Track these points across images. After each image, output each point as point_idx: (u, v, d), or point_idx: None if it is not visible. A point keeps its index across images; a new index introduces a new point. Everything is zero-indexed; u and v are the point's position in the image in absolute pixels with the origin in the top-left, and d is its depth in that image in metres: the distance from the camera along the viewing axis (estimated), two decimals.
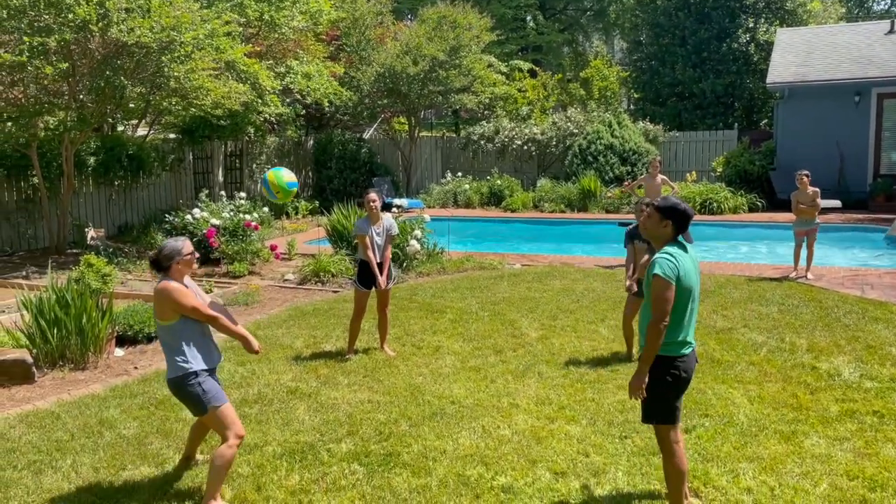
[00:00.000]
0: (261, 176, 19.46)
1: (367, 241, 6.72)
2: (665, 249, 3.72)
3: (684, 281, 3.65)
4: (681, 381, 3.78)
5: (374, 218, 6.79)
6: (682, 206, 3.77)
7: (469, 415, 5.36)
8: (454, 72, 19.66)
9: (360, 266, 6.87)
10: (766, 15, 22.31)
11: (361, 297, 6.84)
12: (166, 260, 4.12)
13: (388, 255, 6.93)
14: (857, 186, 16.15)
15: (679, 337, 3.72)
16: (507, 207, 18.07)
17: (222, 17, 13.10)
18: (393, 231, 6.94)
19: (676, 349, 3.73)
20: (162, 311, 4.10)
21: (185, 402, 4.22)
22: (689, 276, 3.67)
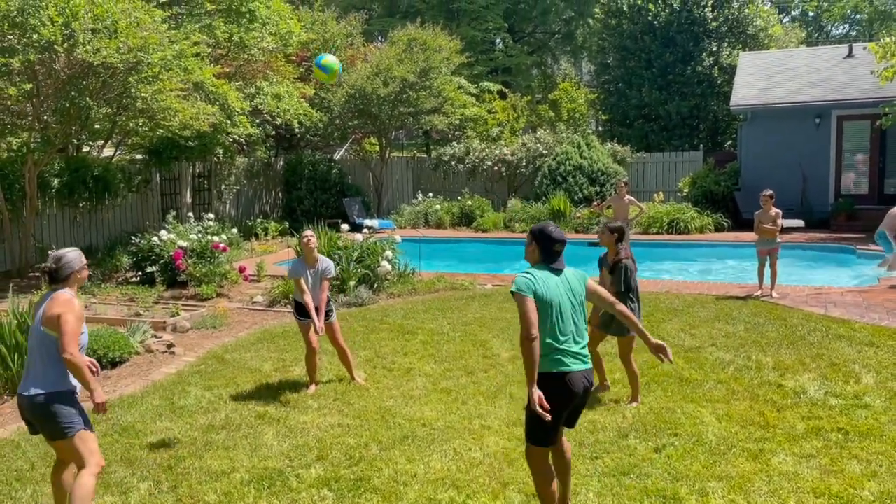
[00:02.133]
0: (229, 197, 19.32)
1: (303, 285, 6.31)
2: (530, 269, 3.89)
3: (541, 295, 3.74)
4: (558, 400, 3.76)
5: (309, 258, 6.45)
6: (548, 229, 3.88)
7: (440, 437, 5.33)
8: (424, 93, 19.79)
9: (295, 304, 6.54)
10: (728, 39, 22.84)
11: (305, 328, 6.48)
12: (66, 269, 3.90)
13: (325, 298, 6.44)
14: (819, 206, 16.52)
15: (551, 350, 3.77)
16: (479, 227, 18.14)
17: (191, 37, 13.03)
18: (329, 273, 6.50)
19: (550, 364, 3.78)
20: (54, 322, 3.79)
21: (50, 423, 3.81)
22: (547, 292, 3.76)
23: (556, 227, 3.90)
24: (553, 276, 3.85)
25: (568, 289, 3.88)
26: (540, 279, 3.79)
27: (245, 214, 19.86)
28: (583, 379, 3.83)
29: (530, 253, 3.95)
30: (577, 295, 3.91)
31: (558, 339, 3.79)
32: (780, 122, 16.85)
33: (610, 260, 6.05)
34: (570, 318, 3.84)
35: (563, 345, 3.79)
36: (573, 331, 3.85)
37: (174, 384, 6.78)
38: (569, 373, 3.78)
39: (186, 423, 5.78)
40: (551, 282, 3.82)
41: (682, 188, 17.99)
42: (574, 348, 3.83)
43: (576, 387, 3.79)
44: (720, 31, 22.75)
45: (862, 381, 6.27)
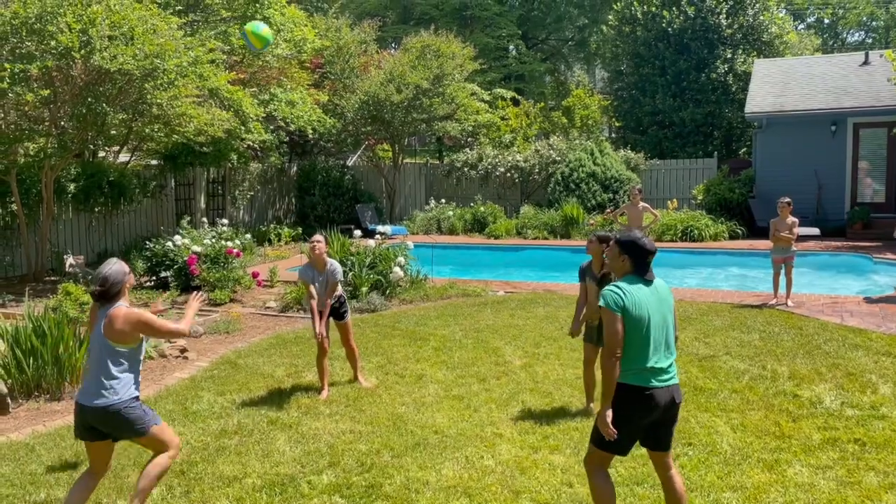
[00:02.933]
0: (243, 202, 19.43)
1: (312, 290, 6.40)
2: (618, 282, 3.76)
3: (633, 311, 3.64)
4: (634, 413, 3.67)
5: (318, 263, 6.49)
6: (641, 241, 3.76)
7: (452, 445, 5.31)
8: (437, 100, 19.83)
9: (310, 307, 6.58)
10: (743, 46, 22.74)
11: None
12: (116, 286, 4.03)
13: (329, 303, 6.52)
14: (834, 214, 16.38)
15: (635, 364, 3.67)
16: (491, 234, 18.11)
17: (206, 44, 13.14)
18: (336, 277, 6.53)
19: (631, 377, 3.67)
20: (123, 336, 3.99)
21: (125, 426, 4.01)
22: (639, 308, 3.66)
23: (647, 238, 3.81)
24: (644, 287, 3.75)
25: (659, 299, 3.78)
26: (630, 293, 3.68)
27: (258, 220, 19.96)
28: (668, 395, 3.71)
29: (620, 265, 3.81)
30: (668, 306, 3.82)
31: (647, 356, 3.67)
32: (796, 129, 16.74)
33: (597, 271, 5.82)
34: (661, 332, 3.73)
35: (649, 362, 3.68)
36: (663, 346, 3.74)
37: (187, 389, 6.80)
38: (651, 389, 3.67)
39: (199, 428, 5.79)
40: (642, 295, 3.70)
41: (696, 195, 17.90)
42: (662, 364, 3.71)
43: (657, 402, 3.67)
44: (735, 38, 22.65)
45: (879, 392, 6.20)
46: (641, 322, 3.66)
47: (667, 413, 3.75)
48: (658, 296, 3.78)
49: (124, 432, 4.06)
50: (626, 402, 3.68)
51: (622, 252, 3.78)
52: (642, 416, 3.69)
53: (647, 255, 3.75)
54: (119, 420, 3.99)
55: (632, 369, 3.68)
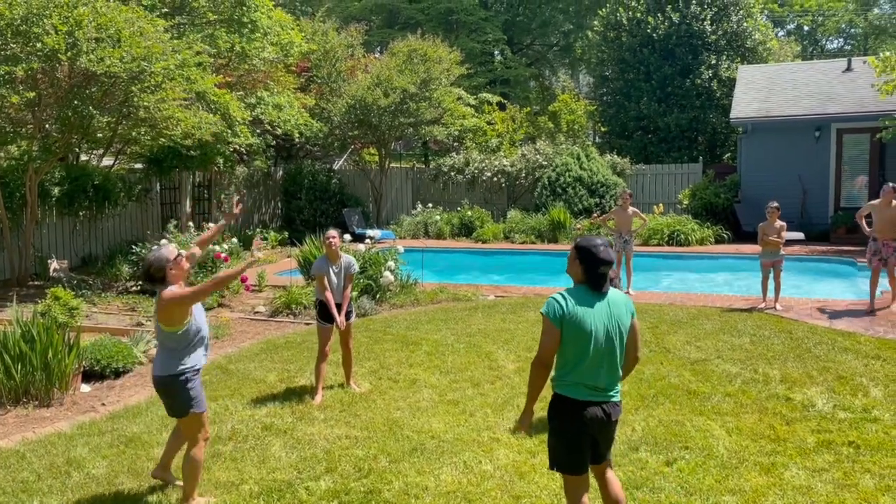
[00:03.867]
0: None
1: (325, 282, 6.51)
2: (568, 289, 3.62)
3: (573, 323, 3.49)
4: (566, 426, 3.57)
5: (333, 256, 6.62)
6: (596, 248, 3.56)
7: (450, 450, 5.29)
8: (424, 104, 19.82)
9: (319, 305, 6.64)
10: (727, 52, 22.95)
11: (325, 333, 6.59)
12: (158, 272, 4.24)
13: (348, 294, 6.69)
14: (819, 219, 16.56)
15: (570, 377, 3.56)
16: (479, 238, 18.12)
17: (193, 47, 13.05)
18: (352, 269, 6.72)
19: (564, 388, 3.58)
20: (171, 317, 4.22)
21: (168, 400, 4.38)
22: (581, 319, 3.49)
23: (604, 245, 3.59)
24: (593, 299, 3.56)
25: (608, 315, 3.56)
26: (573, 303, 3.51)
27: (244, 224, 19.82)
28: (601, 412, 3.55)
29: (573, 269, 3.65)
30: (619, 324, 3.58)
31: (582, 371, 3.53)
32: (780, 134, 16.91)
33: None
34: (603, 349, 3.53)
35: (584, 377, 3.54)
36: (604, 364, 3.55)
37: None
38: (584, 402, 3.54)
39: None
40: (587, 307, 3.52)
41: (682, 200, 18.01)
42: (599, 383, 3.55)
43: (590, 417, 3.54)
44: (719, 44, 22.86)
45: (870, 395, 6.26)
46: (581, 336, 3.50)
47: (601, 431, 3.61)
48: (609, 311, 3.57)
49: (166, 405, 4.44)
50: (558, 412, 3.61)
51: (577, 257, 3.61)
52: (577, 429, 3.56)
53: (600, 266, 3.53)
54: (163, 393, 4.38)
55: (565, 381, 3.58)
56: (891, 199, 9.14)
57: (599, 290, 3.58)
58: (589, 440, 3.61)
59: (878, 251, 9.26)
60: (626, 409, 6.09)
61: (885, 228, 9.18)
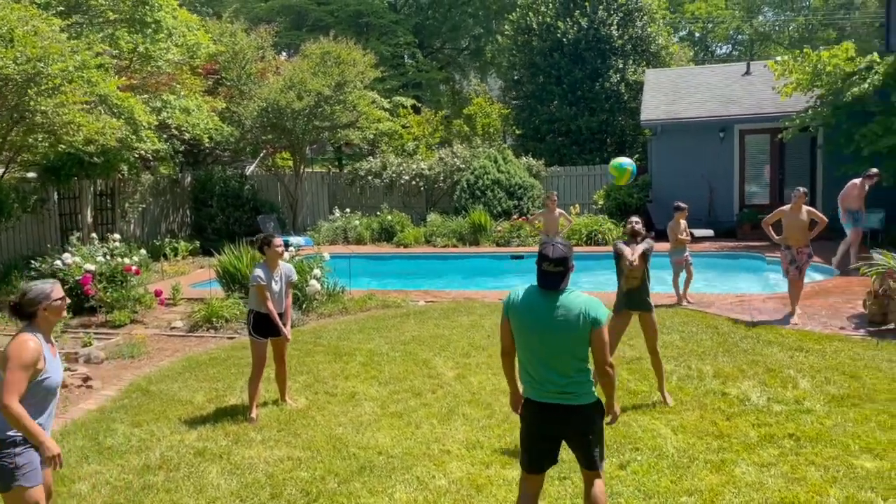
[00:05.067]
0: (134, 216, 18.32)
1: (267, 293, 6.16)
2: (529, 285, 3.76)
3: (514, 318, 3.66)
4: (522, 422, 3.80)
5: (274, 264, 6.33)
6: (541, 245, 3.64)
7: (400, 465, 5.08)
8: (339, 107, 19.44)
9: (254, 317, 6.26)
10: (633, 56, 23.68)
11: (259, 348, 6.24)
12: (30, 305, 3.57)
13: (290, 304, 6.49)
14: (725, 217, 17.27)
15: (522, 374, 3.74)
16: (400, 243, 17.91)
17: (93, 48, 12.26)
18: (292, 278, 6.49)
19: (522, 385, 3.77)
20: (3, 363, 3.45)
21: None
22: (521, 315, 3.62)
23: (553, 243, 3.57)
24: (540, 297, 3.57)
25: (552, 315, 3.52)
26: (519, 298, 3.65)
27: (151, 234, 18.86)
28: (549, 411, 3.61)
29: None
30: (565, 326, 3.52)
31: (526, 366, 3.70)
32: (687, 136, 17.55)
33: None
34: (544, 348, 3.56)
35: (529, 372, 3.68)
36: (549, 364, 3.57)
37: (97, 421, 6.22)
38: (531, 401, 3.71)
39: (117, 464, 5.28)
40: (530, 305, 3.59)
41: (598, 200, 18.41)
42: (544, 382, 3.60)
43: (540, 413, 3.67)
44: (625, 48, 23.55)
45: (800, 386, 6.47)
46: (520, 332, 3.65)
47: (558, 432, 3.67)
48: (555, 311, 3.52)
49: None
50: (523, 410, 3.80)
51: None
52: (530, 424, 3.74)
53: (542, 262, 3.57)
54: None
55: (522, 378, 3.75)
56: (801, 204, 8.65)
57: (547, 288, 3.58)
58: (541, 439, 3.69)
59: (793, 259, 8.73)
60: None
61: (797, 236, 8.64)
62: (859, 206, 11.46)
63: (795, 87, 14.60)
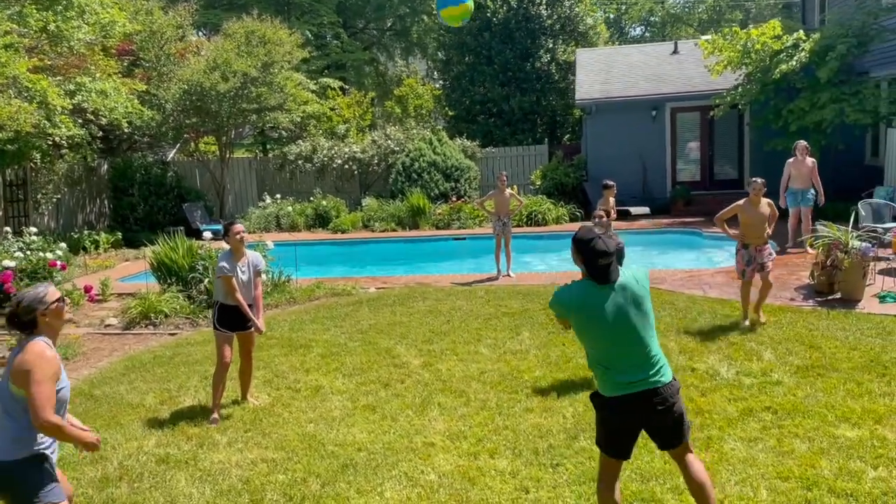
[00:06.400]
0: (48, 207, 17.17)
1: (234, 283, 5.82)
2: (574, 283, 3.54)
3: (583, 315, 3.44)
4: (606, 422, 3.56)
5: (239, 254, 5.94)
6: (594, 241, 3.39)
7: (384, 462, 4.84)
8: (265, 89, 18.71)
9: (218, 309, 5.91)
10: (562, 36, 23.77)
11: (224, 342, 5.89)
12: (27, 313, 3.27)
13: (260, 295, 6.08)
14: (659, 194, 17.59)
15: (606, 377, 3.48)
16: (337, 229, 17.44)
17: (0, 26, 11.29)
18: (260, 266, 6.11)
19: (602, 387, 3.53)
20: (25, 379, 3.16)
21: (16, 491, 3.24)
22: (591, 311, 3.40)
23: (601, 237, 3.41)
24: (605, 292, 3.40)
25: (623, 301, 3.40)
26: (580, 296, 3.42)
27: (67, 227, 17.72)
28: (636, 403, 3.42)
29: (577, 263, 3.53)
30: (638, 303, 3.43)
31: (610, 363, 3.43)
32: (621, 115, 17.75)
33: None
34: (628, 336, 3.41)
35: (614, 369, 3.42)
36: (634, 351, 3.42)
37: None
38: (619, 398, 3.43)
39: (72, 478, 4.81)
40: (597, 299, 3.39)
41: (535, 181, 18.43)
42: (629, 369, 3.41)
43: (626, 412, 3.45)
44: (554, 28, 23.60)
45: (764, 358, 6.56)
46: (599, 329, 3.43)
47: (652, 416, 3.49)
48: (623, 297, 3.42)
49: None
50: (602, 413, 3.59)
51: (576, 251, 3.49)
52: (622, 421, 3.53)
53: (599, 259, 3.37)
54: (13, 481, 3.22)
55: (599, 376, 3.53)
56: (760, 196, 7.44)
57: (608, 282, 3.42)
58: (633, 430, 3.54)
59: (751, 259, 7.51)
60: (548, 396, 5.94)
61: (756, 233, 7.47)
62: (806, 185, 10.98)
63: (726, 64, 14.92)
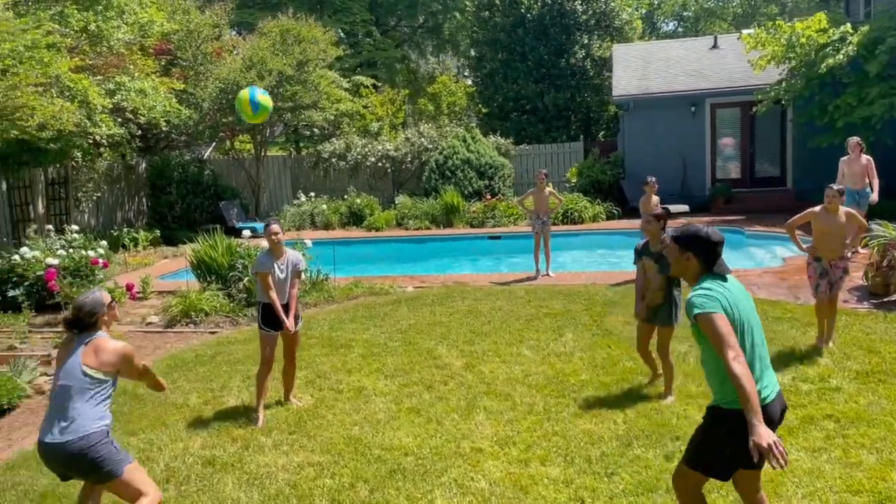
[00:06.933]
0: (88, 205, 17.40)
1: (270, 280, 5.80)
2: (698, 285, 3.24)
3: (728, 313, 3.11)
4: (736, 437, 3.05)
5: (278, 252, 5.92)
6: (703, 231, 3.29)
7: (432, 468, 4.74)
8: (300, 87, 18.75)
9: (262, 308, 5.90)
10: (597, 32, 23.47)
11: (268, 341, 5.88)
12: (90, 316, 3.84)
13: (295, 294, 6.01)
14: (698, 191, 17.26)
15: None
16: (371, 227, 17.41)
17: (43, 26, 11.40)
18: (300, 266, 6.05)
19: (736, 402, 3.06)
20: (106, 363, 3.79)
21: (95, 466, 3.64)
22: (732, 308, 3.15)
23: (709, 226, 3.31)
24: (734, 286, 3.25)
25: (746, 297, 3.29)
26: (721, 293, 3.15)
27: (107, 224, 17.95)
28: (779, 404, 3.24)
29: (682, 265, 3.33)
30: (752, 306, 3.32)
31: (752, 366, 3.16)
32: (659, 111, 17.43)
33: (654, 248, 5.78)
34: (760, 335, 3.27)
35: (756, 371, 3.17)
36: (765, 353, 3.28)
37: None
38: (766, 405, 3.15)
39: None
40: (732, 295, 3.19)
41: (570, 178, 18.21)
42: (769, 372, 3.25)
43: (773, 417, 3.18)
44: (589, 24, 23.31)
45: (821, 364, 6.32)
46: (744, 327, 3.18)
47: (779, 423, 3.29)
48: (743, 294, 3.29)
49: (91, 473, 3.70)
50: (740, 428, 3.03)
51: (684, 249, 3.28)
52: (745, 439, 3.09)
53: (717, 247, 3.25)
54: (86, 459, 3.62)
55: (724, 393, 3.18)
56: (837, 205, 6.53)
57: (727, 274, 3.28)
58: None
59: (825, 273, 6.63)
60: (597, 401, 5.79)
61: (831, 246, 6.59)
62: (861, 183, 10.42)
63: (770, 59, 14.55)
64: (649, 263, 5.85)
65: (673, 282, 5.85)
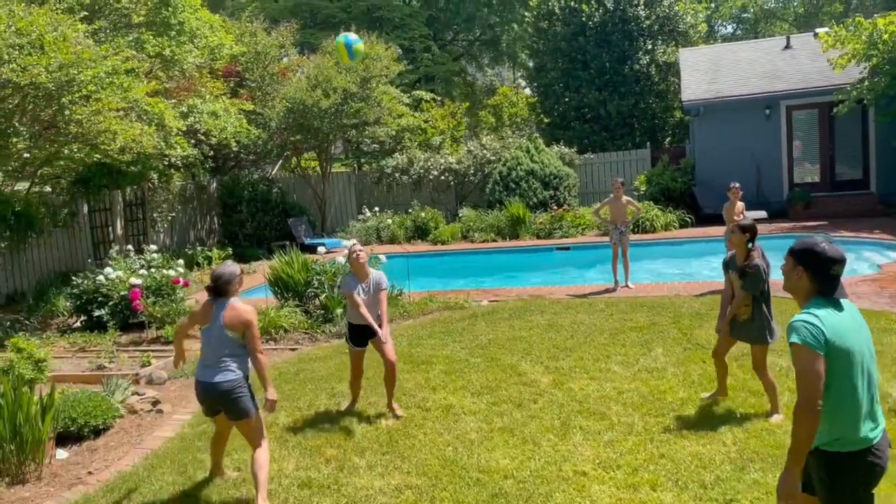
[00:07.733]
0: (164, 225, 17.87)
1: (357, 299, 5.91)
2: (806, 307, 2.90)
3: (836, 345, 2.78)
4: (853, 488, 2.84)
5: (361, 274, 6.01)
6: (819, 246, 2.93)
7: (536, 492, 4.56)
8: (363, 104, 18.91)
9: (349, 327, 6.15)
10: (661, 37, 23.02)
11: (357, 356, 6.17)
12: (228, 284, 4.62)
13: (384, 311, 6.09)
14: (775, 197, 16.65)
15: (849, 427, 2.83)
16: (436, 240, 17.37)
17: (121, 52, 11.76)
18: (383, 285, 6.14)
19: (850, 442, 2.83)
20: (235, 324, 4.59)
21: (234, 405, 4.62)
22: (843, 339, 2.81)
23: (829, 242, 2.95)
24: (844, 312, 2.88)
25: (860, 326, 2.92)
26: (830, 322, 2.80)
27: (181, 243, 18.40)
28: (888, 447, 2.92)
29: (796, 282, 2.98)
30: (868, 337, 2.94)
31: (859, 404, 2.83)
32: (731, 115, 16.92)
33: (740, 262, 5.54)
34: (870, 370, 2.89)
35: (864, 410, 2.84)
36: (874, 387, 2.92)
37: (180, 452, 5.72)
38: (873, 446, 2.85)
39: (217, 502, 4.78)
40: (843, 324, 2.83)
41: (640, 186, 17.82)
42: (874, 410, 2.90)
43: (883, 460, 2.87)
44: (653, 29, 22.89)
45: None
46: (853, 359, 2.82)
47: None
48: (857, 323, 2.92)
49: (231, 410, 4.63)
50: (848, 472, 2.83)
51: (797, 264, 2.95)
52: (872, 484, 2.87)
53: (833, 266, 2.88)
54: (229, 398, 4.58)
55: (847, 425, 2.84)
56: None
57: (839, 297, 2.92)
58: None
59: None
60: (700, 421, 5.52)
61: None
62: None
63: (850, 57, 13.96)
64: (734, 278, 5.61)
65: (763, 297, 5.54)
